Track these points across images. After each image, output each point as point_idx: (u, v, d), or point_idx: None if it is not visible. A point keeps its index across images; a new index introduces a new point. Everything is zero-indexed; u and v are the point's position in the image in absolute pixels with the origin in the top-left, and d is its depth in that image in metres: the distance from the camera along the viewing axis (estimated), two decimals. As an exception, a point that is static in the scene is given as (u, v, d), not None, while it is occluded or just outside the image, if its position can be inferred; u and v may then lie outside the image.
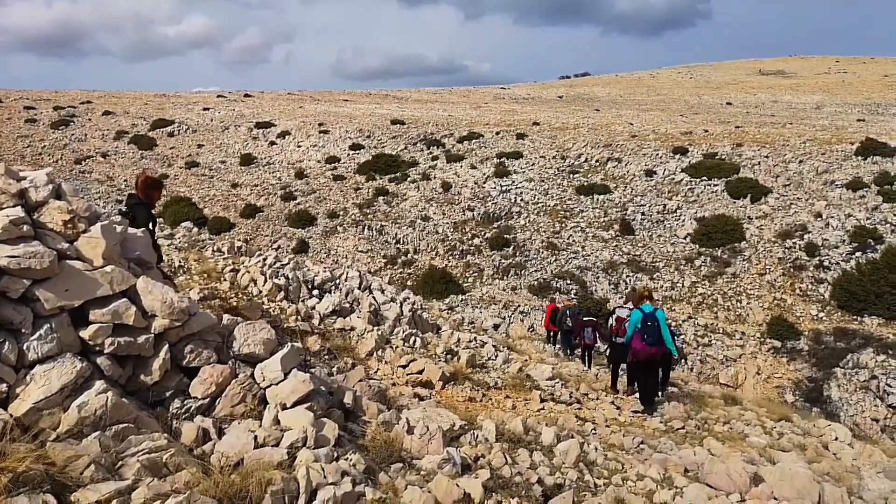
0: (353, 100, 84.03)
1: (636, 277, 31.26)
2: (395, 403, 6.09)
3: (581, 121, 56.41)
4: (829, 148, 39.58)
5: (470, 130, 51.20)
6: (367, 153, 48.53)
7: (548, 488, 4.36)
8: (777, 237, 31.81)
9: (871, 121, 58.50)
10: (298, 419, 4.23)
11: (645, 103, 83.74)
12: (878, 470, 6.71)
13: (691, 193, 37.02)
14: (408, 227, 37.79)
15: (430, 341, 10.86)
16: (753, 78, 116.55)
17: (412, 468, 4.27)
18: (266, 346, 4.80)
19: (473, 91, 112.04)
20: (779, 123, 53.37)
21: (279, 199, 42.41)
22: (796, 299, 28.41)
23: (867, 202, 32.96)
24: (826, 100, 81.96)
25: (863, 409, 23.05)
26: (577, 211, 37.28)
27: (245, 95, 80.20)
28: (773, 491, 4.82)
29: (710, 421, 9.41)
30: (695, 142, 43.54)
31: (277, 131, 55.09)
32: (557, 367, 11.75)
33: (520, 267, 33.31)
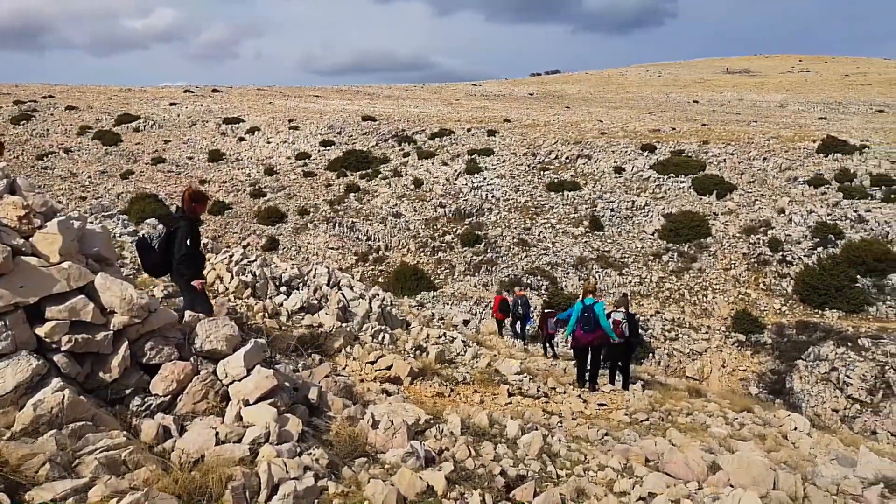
0: (323, 96, 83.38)
1: (605, 273, 31.66)
2: (362, 399, 6.10)
3: (552, 118, 56.82)
4: (792, 145, 40.51)
5: (441, 127, 51.20)
6: (337, 149, 48.22)
7: (510, 479, 4.42)
8: (742, 233, 32.48)
9: (832, 119, 60.02)
10: (261, 415, 4.22)
11: (614, 101, 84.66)
12: (832, 457, 6.93)
13: (659, 190, 37.57)
14: (379, 223, 37.69)
15: (400, 337, 10.87)
16: (720, 76, 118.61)
17: (376, 462, 4.29)
18: (229, 342, 4.77)
19: (445, 88, 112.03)
20: (744, 121, 54.45)
21: (248, 195, 41.92)
22: (760, 294, 29.06)
23: (828, 198, 33.85)
24: (789, 98, 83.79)
25: (823, 400, 23.71)
26: (547, 207, 37.57)
27: (213, 90, 79.01)
28: (729, 478, 4.96)
29: (674, 412, 9.60)
30: (663, 139, 44.19)
31: (246, 127, 54.40)
32: (525, 362, 11.86)
33: (491, 263, 33.47)
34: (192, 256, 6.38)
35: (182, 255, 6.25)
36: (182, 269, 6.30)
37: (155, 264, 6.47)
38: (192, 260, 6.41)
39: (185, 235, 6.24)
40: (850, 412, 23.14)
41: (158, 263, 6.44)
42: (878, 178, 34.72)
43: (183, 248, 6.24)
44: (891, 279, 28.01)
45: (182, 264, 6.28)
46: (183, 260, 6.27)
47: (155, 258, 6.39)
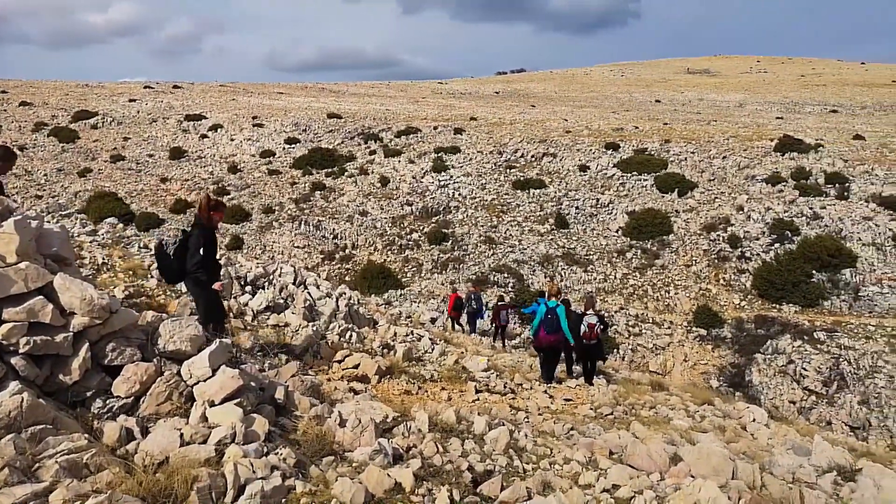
0: (287, 93, 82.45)
1: (571, 270, 32.04)
2: (329, 398, 6.08)
3: (517, 116, 57.21)
4: (751, 144, 41.55)
5: (408, 125, 51.12)
6: (303, 147, 47.77)
7: (478, 475, 4.47)
8: (702, 230, 33.21)
9: (789, 118, 61.73)
10: (227, 415, 4.18)
11: (579, 100, 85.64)
12: (788, 447, 7.17)
13: (622, 188, 38.16)
14: (345, 222, 37.48)
15: (367, 336, 10.85)
16: (681, 76, 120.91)
17: (344, 460, 4.29)
18: (193, 342, 4.72)
19: (411, 85, 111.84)
20: (704, 121, 55.63)
21: (211, 193, 41.19)
22: (720, 289, 29.76)
23: (785, 196, 34.81)
24: (748, 98, 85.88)
25: (781, 392, 24.42)
26: (513, 205, 37.84)
27: (174, 87, 77.47)
28: (690, 469, 5.09)
29: (638, 406, 9.80)
30: (626, 138, 44.88)
31: (209, 124, 53.50)
32: (493, 359, 11.95)
33: (458, 261, 33.58)
34: (206, 264, 6.44)
35: (195, 262, 6.33)
36: (197, 274, 6.38)
37: (171, 270, 6.54)
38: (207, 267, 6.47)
39: (197, 243, 6.33)
40: (807, 403, 23.88)
41: (175, 270, 6.50)
42: (832, 176, 35.85)
43: (196, 255, 6.32)
44: (844, 274, 28.97)
45: (197, 270, 6.36)
46: (198, 266, 6.34)
47: (170, 264, 6.47)
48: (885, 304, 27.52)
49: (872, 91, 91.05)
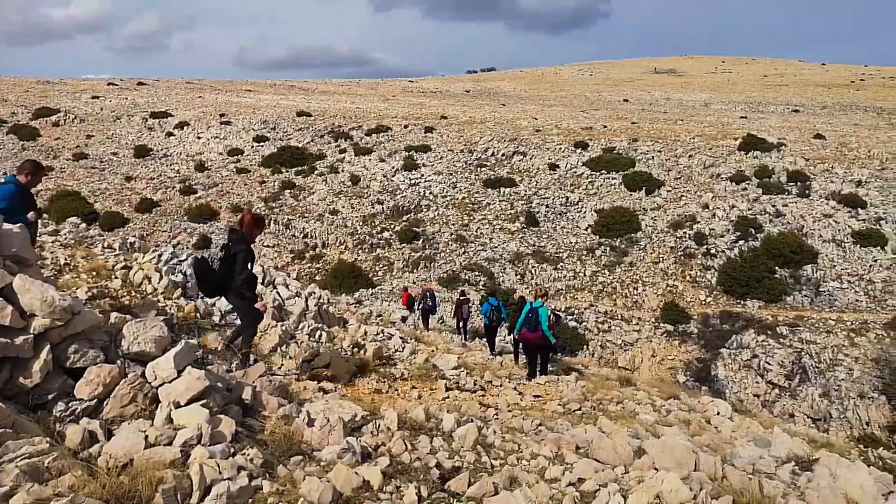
0: (256, 90, 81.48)
1: (541, 268, 32.31)
2: (298, 398, 6.06)
3: (488, 115, 57.42)
4: (716, 143, 42.38)
5: (378, 123, 50.97)
6: (272, 145, 47.31)
7: (446, 471, 4.51)
8: (669, 227, 33.78)
9: (753, 118, 63.06)
10: (193, 417, 4.15)
11: (548, 99, 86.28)
12: (749, 439, 7.36)
13: (592, 186, 38.60)
14: (316, 220, 37.24)
15: (337, 335, 10.83)
16: (648, 76, 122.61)
17: (312, 460, 4.29)
18: (158, 343, 4.67)
19: (382, 84, 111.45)
20: (671, 120, 56.53)
21: (178, 192, 40.60)
22: (687, 285, 30.31)
23: (749, 194, 35.60)
24: (713, 98, 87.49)
25: (746, 386, 25.00)
26: (484, 204, 38.00)
27: (139, 84, 75.98)
28: (654, 462, 5.20)
29: (605, 402, 9.95)
30: (595, 137, 45.39)
31: (175, 122, 52.64)
32: (463, 357, 12.01)
33: (429, 259, 33.61)
34: (253, 279, 6.81)
35: (244, 277, 6.61)
36: (244, 290, 6.68)
37: (213, 284, 6.73)
38: (254, 282, 6.86)
39: (247, 259, 6.62)
40: (771, 397, 24.49)
41: (218, 284, 6.71)
42: (794, 175, 36.77)
43: (245, 271, 6.60)
44: (806, 270, 29.75)
45: (244, 286, 6.65)
46: (245, 282, 6.64)
47: (215, 279, 6.67)
48: (845, 299, 28.35)
49: (832, 91, 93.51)
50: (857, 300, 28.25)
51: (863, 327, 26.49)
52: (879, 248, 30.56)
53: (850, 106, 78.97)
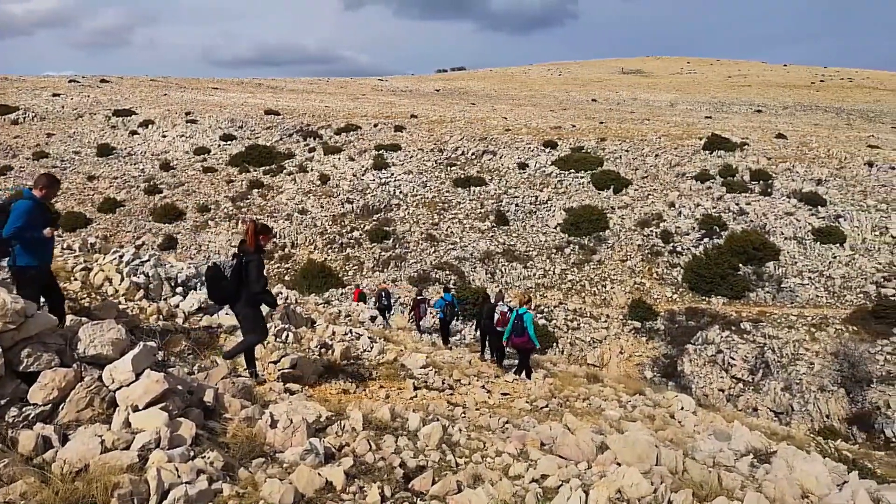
0: (223, 88, 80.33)
1: (511, 266, 32.48)
2: (262, 399, 6.01)
3: (457, 114, 57.51)
4: (681, 143, 43.09)
5: (348, 122, 50.67)
6: (239, 144, 46.69)
7: (410, 470, 4.51)
8: (636, 226, 34.25)
9: (717, 118, 64.30)
10: (151, 420, 4.08)
11: (518, 98, 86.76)
12: (710, 433, 7.52)
13: (560, 185, 38.94)
14: (285, 220, 36.87)
15: (304, 336, 10.72)
16: (616, 76, 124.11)
17: (274, 461, 4.26)
18: (115, 346, 4.58)
19: (351, 82, 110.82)
20: (638, 120, 57.32)
21: (142, 192, 39.84)
22: (653, 283, 30.78)
23: (713, 192, 36.29)
24: (679, 98, 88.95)
25: (711, 381, 25.49)
26: (454, 203, 38.05)
27: (101, 81, 74.28)
28: (616, 457, 5.28)
29: (572, 398, 10.06)
30: (563, 136, 45.79)
31: (139, 120, 51.60)
32: (432, 356, 12.01)
33: (400, 259, 33.55)
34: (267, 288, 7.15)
35: (262, 285, 6.92)
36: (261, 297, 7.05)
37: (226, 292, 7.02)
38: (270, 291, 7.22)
39: (260, 267, 6.93)
40: (735, 391, 25.01)
41: (229, 292, 7.00)
42: (757, 174, 37.58)
43: (262, 278, 6.91)
44: (768, 267, 30.45)
45: (261, 295, 7.00)
46: (262, 292, 6.98)
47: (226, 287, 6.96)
48: (806, 295, 29.09)
49: (793, 92, 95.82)
50: (818, 296, 29.01)
51: (823, 322, 27.21)
52: (838, 245, 31.42)
53: (811, 106, 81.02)
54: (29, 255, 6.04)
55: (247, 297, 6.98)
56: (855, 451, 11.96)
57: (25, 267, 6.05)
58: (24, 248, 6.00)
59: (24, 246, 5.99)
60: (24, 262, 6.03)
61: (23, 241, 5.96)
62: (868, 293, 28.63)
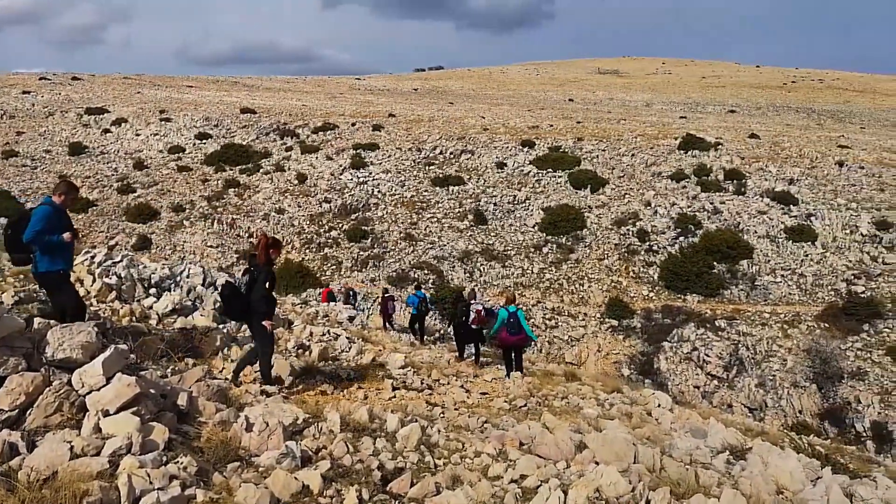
0: (198, 86, 79.35)
1: (490, 266, 32.54)
2: (238, 402, 5.92)
3: (436, 113, 57.47)
4: (657, 142, 43.53)
5: (325, 121, 50.36)
6: (215, 143, 46.16)
7: (388, 472, 4.47)
8: (613, 225, 34.53)
9: (691, 118, 65.09)
10: (123, 425, 3.99)
11: (496, 98, 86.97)
12: (687, 430, 7.58)
13: (538, 184, 39.10)
14: (261, 220, 36.52)
15: (281, 337, 10.62)
16: (592, 76, 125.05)
17: (250, 466, 4.19)
18: (85, 349, 4.48)
19: (328, 81, 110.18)
20: (614, 119, 57.78)
21: (115, 191, 39.19)
22: (630, 281, 31.05)
23: (688, 191, 36.71)
24: (654, 98, 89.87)
25: (687, 378, 25.78)
26: (433, 202, 38.02)
27: (73, 78, 72.95)
28: (594, 456, 5.29)
29: (550, 397, 10.07)
30: (541, 135, 45.99)
31: (112, 118, 50.76)
32: (410, 356, 11.96)
33: (378, 258, 33.43)
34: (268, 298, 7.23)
35: (261, 295, 7.05)
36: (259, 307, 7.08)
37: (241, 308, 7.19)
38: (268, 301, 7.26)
39: (265, 280, 7.09)
40: (710, 388, 25.34)
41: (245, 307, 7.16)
42: (731, 173, 38.11)
43: (262, 289, 7.05)
44: (742, 265, 30.89)
45: (259, 303, 7.06)
46: (260, 300, 7.06)
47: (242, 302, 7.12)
48: (779, 293, 29.56)
49: (766, 93, 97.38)
50: (790, 293, 29.50)
51: (795, 319, 27.68)
52: (810, 244, 31.97)
53: (783, 107, 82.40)
54: (49, 259, 6.16)
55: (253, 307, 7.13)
56: (827, 447, 12.14)
57: (47, 272, 6.17)
58: (43, 252, 6.11)
59: (44, 251, 6.11)
60: (45, 267, 6.15)
61: (42, 246, 6.06)
62: (839, 290, 29.18)
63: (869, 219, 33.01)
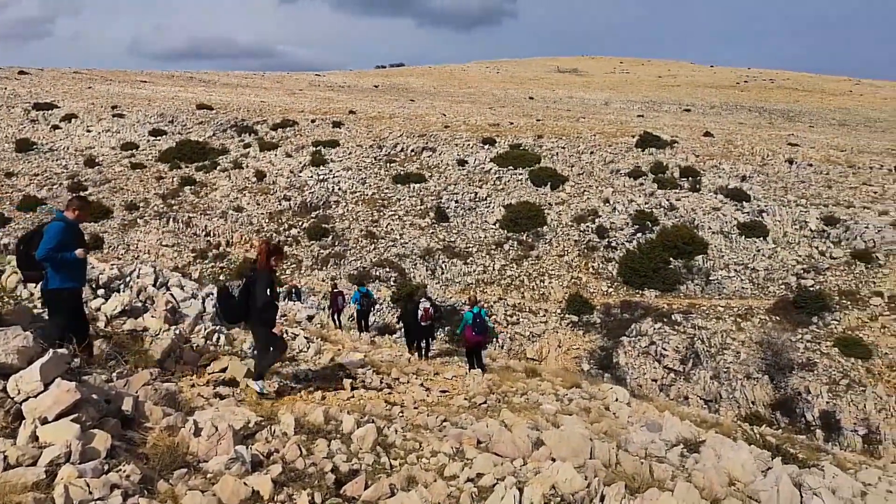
0: (152, 81, 77.38)
1: (451, 263, 32.54)
2: (188, 406, 5.75)
3: (397, 111, 57.21)
4: (615, 140, 44.17)
5: (284, 118, 49.64)
6: (170, 139, 45.06)
7: (342, 475, 4.39)
8: (573, 221, 34.90)
9: (648, 116, 66.28)
10: (61, 433, 3.82)
11: (457, 95, 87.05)
12: (642, 424, 7.68)
13: (499, 182, 39.26)
14: (219, 218, 35.80)
15: (237, 337, 10.39)
16: (552, 75, 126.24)
17: (198, 472, 4.06)
18: (22, 354, 4.28)
19: (287, 77, 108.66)
20: (573, 117, 58.43)
21: (66, 189, 37.89)
22: (590, 277, 31.44)
23: (645, 188, 37.34)
24: (613, 97, 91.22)
25: (644, 372, 26.23)
26: (394, 199, 37.84)
27: (20, 72, 70.31)
28: (551, 452, 5.31)
29: (510, 394, 10.09)
30: (502, 133, 46.19)
31: (61, 114, 49.09)
32: (370, 355, 11.86)
33: (339, 256, 33.11)
34: (272, 305, 7.25)
35: (264, 303, 7.00)
36: (265, 316, 7.12)
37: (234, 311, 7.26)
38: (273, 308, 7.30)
39: (265, 286, 7.02)
40: (667, 381, 25.84)
41: (238, 311, 7.23)
42: (686, 170, 38.91)
43: (264, 296, 7.00)
44: (697, 260, 31.57)
45: (265, 312, 7.08)
46: (265, 308, 7.04)
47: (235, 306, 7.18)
48: (732, 287, 30.32)
49: (720, 92, 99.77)
50: (743, 287, 30.28)
51: (748, 313, 28.43)
52: (762, 239, 32.87)
53: (736, 106, 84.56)
54: (62, 277, 6.12)
55: (254, 315, 7.17)
56: (778, 437, 12.49)
57: (59, 289, 6.13)
58: (56, 270, 6.06)
59: (57, 268, 6.06)
60: (56, 284, 6.10)
61: (55, 263, 6.02)
62: (789, 284, 30.08)
63: (817, 215, 34.12)
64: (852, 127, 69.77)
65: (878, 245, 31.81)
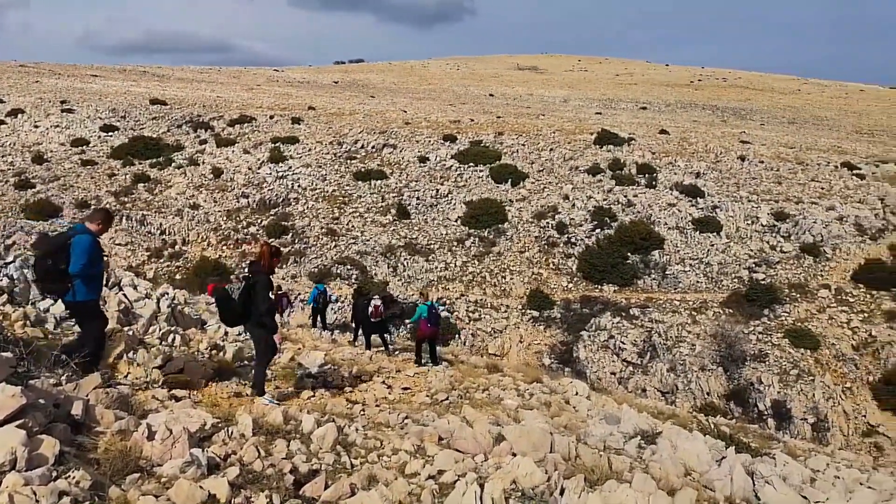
0: (103, 75, 75.10)
1: (413, 260, 32.50)
2: (142, 409, 5.60)
3: (357, 107, 56.78)
4: (574, 137, 44.69)
5: (242, 113, 48.76)
6: (122, 135, 43.84)
7: (302, 476, 4.33)
8: (533, 218, 35.22)
9: (606, 114, 67.25)
10: (6, 440, 3.67)
11: (417, 92, 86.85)
12: (601, 417, 7.81)
13: (461, 179, 39.34)
14: (174, 216, 35.01)
15: (194, 338, 10.19)
16: (512, 72, 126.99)
17: (151, 476, 3.95)
18: (-37, 360, 4.10)
19: (245, 72, 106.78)
20: (533, 115, 58.89)
21: (12, 187, 36.57)
22: (550, 273, 31.79)
23: (603, 185, 37.91)
24: (571, 94, 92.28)
25: (604, 365, 26.68)
26: (355, 196, 37.57)
27: (-40, 64, 67.40)
28: (512, 447, 5.35)
29: (472, 390, 10.13)
30: (462, 130, 46.27)
31: (7, 109, 47.28)
32: (331, 353, 11.76)
33: (299, 254, 32.74)
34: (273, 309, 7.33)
35: (266, 307, 7.09)
36: (266, 320, 7.16)
37: (234, 314, 7.29)
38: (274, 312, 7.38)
39: (265, 291, 7.08)
40: (626, 374, 26.34)
41: (238, 313, 7.26)
42: (643, 167, 39.63)
43: (266, 301, 7.08)
44: (654, 255, 32.22)
45: (266, 316, 7.13)
46: (266, 312, 7.12)
47: (234, 308, 7.21)
48: (687, 281, 31.04)
49: (675, 90, 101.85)
50: (698, 281, 31.04)
51: (703, 306, 29.17)
52: (715, 234, 33.73)
53: (690, 104, 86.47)
54: (89, 289, 6.26)
55: (255, 318, 7.18)
56: (732, 426, 12.86)
57: (85, 301, 6.28)
58: (84, 283, 6.17)
59: (87, 281, 6.20)
60: (84, 296, 6.23)
61: (86, 277, 6.16)
62: (742, 278, 30.95)
63: (768, 210, 35.18)
64: (801, 125, 72.10)
65: (825, 239, 33.00)
